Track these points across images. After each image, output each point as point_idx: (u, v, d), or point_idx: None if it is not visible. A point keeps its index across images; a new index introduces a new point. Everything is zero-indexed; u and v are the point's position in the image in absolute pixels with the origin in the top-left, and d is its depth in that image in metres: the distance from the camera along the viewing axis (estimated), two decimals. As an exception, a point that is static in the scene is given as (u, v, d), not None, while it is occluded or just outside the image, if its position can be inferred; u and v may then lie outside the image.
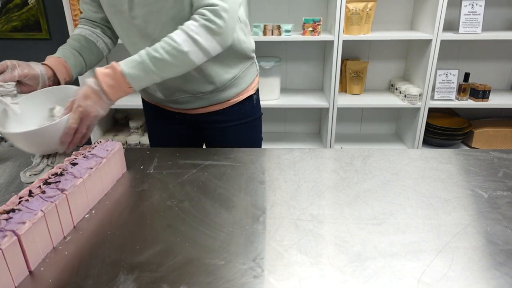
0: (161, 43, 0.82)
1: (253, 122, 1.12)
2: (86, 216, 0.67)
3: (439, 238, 0.59)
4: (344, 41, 1.97)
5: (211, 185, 0.77)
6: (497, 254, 0.56)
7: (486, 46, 2.20)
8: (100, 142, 0.80)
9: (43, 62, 0.90)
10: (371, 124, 2.46)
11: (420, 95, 2.03)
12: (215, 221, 0.64)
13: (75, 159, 0.72)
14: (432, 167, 0.84)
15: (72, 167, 0.69)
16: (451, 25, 2.12)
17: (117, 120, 2.48)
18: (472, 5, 1.91)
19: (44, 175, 0.68)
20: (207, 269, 0.53)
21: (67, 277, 0.52)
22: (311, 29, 1.96)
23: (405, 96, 2.05)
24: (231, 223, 0.64)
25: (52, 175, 0.66)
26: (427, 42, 1.94)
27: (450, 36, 1.92)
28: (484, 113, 2.35)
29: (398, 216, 0.65)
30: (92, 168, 0.69)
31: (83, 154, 0.74)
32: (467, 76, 2.05)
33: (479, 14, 1.91)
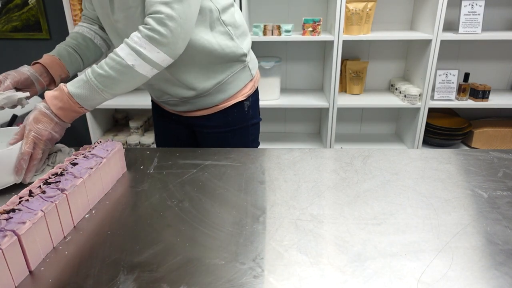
0: (106, 59, 0.79)
1: (241, 130, 1.07)
2: (86, 216, 0.67)
3: (439, 238, 0.59)
4: (344, 41, 1.97)
5: (211, 185, 0.77)
6: (497, 254, 0.56)
7: (486, 46, 2.20)
8: (100, 142, 0.80)
9: (36, 61, 0.91)
10: (371, 124, 2.46)
11: (420, 95, 2.03)
12: (215, 221, 0.64)
13: (75, 159, 0.72)
14: (432, 167, 0.84)
15: (72, 167, 0.69)
16: (451, 25, 2.12)
17: (117, 120, 2.48)
18: (472, 5, 1.91)
19: (44, 175, 0.68)
20: (207, 269, 0.53)
21: (67, 277, 0.52)
22: (311, 29, 1.96)
23: (405, 96, 2.05)
24: (231, 223, 0.64)
25: (52, 175, 0.66)
26: (427, 42, 1.94)
27: (450, 36, 1.92)
28: (484, 113, 2.35)
29: (398, 216, 0.65)
30: (92, 168, 0.69)
31: (83, 154, 0.74)
32: (467, 76, 2.06)
33: (479, 14, 1.91)
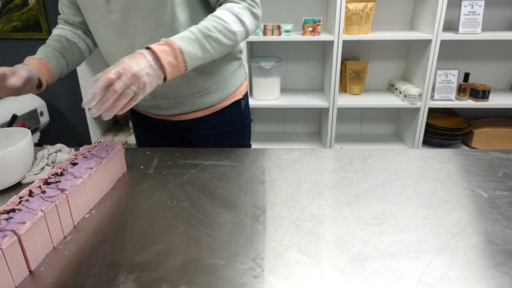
0: (210, 22, 0.78)
1: (240, 130, 1.06)
2: (86, 216, 0.67)
3: (439, 238, 0.59)
4: (344, 41, 1.97)
5: (211, 185, 0.77)
6: (497, 254, 0.56)
7: (486, 46, 2.20)
8: (100, 142, 0.80)
9: (23, 63, 0.83)
10: (371, 124, 2.46)
11: (420, 95, 2.03)
12: (215, 221, 0.64)
13: (75, 159, 0.72)
14: (432, 167, 0.84)
15: (72, 167, 0.69)
16: (451, 25, 2.12)
17: (117, 120, 2.48)
18: (472, 5, 1.91)
19: (44, 175, 0.68)
20: (207, 269, 0.53)
21: (67, 277, 0.52)
22: (311, 29, 1.96)
23: (405, 96, 2.05)
24: (231, 223, 0.64)
25: (52, 175, 0.66)
26: (427, 42, 1.94)
27: (450, 36, 1.92)
28: (484, 113, 2.35)
29: (398, 216, 0.65)
30: (92, 168, 0.69)
31: (83, 154, 0.74)
32: (467, 76, 2.06)
33: (479, 14, 1.91)
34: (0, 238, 0.49)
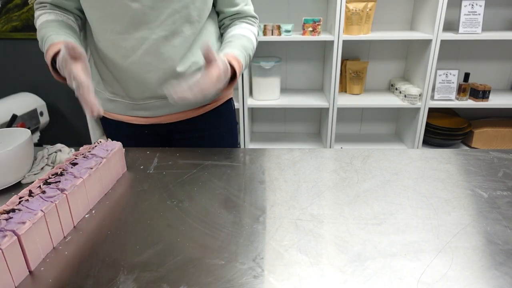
0: (247, 43, 0.89)
1: (233, 129, 1.07)
2: (86, 216, 0.67)
3: (439, 238, 0.59)
4: (344, 41, 1.97)
5: (211, 185, 0.77)
6: (497, 254, 0.56)
7: (486, 46, 2.20)
8: (100, 142, 0.80)
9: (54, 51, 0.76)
10: (371, 124, 2.46)
11: (420, 95, 2.03)
12: (215, 221, 0.64)
13: (75, 159, 0.72)
14: (432, 167, 0.84)
15: (72, 167, 0.69)
16: (451, 25, 2.12)
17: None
18: (472, 5, 1.91)
19: (44, 175, 0.68)
20: (207, 269, 0.53)
21: (67, 277, 0.52)
22: (311, 29, 1.96)
23: (405, 96, 2.05)
24: (231, 223, 0.64)
25: (52, 175, 0.66)
26: (427, 42, 1.94)
27: (450, 36, 1.92)
28: (484, 113, 2.35)
29: (398, 216, 0.65)
30: (92, 168, 0.69)
31: (83, 154, 0.74)
32: (467, 76, 2.06)
33: (479, 14, 1.91)
34: (0, 238, 0.49)
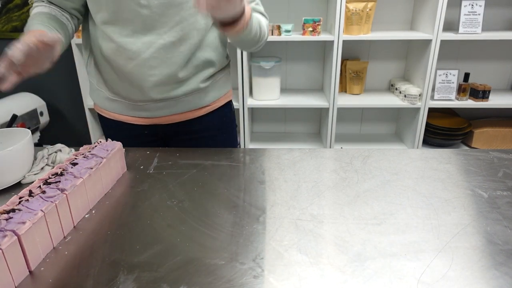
0: (258, 17, 0.90)
1: (232, 131, 1.07)
2: (86, 216, 0.67)
3: (439, 238, 0.59)
4: (344, 41, 1.97)
5: (211, 185, 0.77)
6: (497, 254, 0.56)
7: (486, 46, 2.20)
8: (100, 142, 0.80)
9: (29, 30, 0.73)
10: (371, 124, 2.46)
11: (420, 95, 2.03)
12: (215, 221, 0.64)
13: (75, 159, 0.72)
14: (432, 167, 0.84)
15: (72, 167, 0.69)
16: (451, 25, 2.12)
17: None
18: (472, 5, 1.91)
19: (44, 175, 0.68)
20: (207, 269, 0.53)
21: (67, 277, 0.52)
22: (311, 29, 1.96)
23: (405, 96, 2.05)
24: (231, 223, 0.64)
25: (52, 175, 0.66)
26: (427, 42, 1.94)
27: (450, 36, 1.92)
28: (484, 113, 2.35)
29: (398, 216, 0.65)
30: (92, 168, 0.69)
31: (83, 154, 0.74)
32: (467, 76, 2.06)
33: (479, 14, 1.91)
34: (0, 238, 0.49)
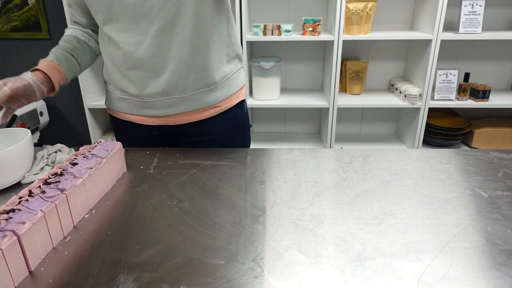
0: None
1: (244, 132, 1.06)
2: (86, 216, 0.67)
3: (439, 238, 0.59)
4: (344, 41, 1.97)
5: (211, 185, 0.77)
6: (497, 254, 0.56)
7: (486, 46, 2.20)
8: (100, 142, 0.80)
9: (35, 67, 0.85)
10: (371, 124, 2.46)
11: (420, 95, 2.03)
12: (215, 221, 0.64)
13: (75, 159, 0.72)
14: (432, 167, 0.84)
15: (72, 167, 0.69)
16: (451, 25, 2.12)
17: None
18: (472, 5, 1.91)
19: (44, 175, 0.68)
20: (207, 269, 0.53)
21: (67, 277, 0.52)
22: (311, 29, 1.96)
23: (405, 96, 2.05)
24: (231, 223, 0.64)
25: (52, 175, 0.66)
26: (427, 42, 1.94)
27: (450, 36, 1.92)
28: (484, 113, 2.35)
29: (398, 216, 0.65)
30: (92, 168, 0.69)
31: (83, 154, 0.74)
32: (467, 76, 2.06)
33: (479, 14, 1.91)
34: (0, 238, 0.49)
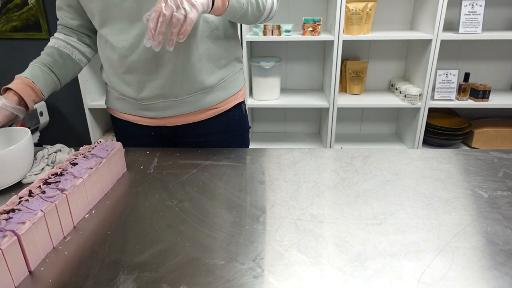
0: None
1: (242, 135, 1.05)
2: (86, 216, 0.67)
3: (439, 238, 0.59)
4: (344, 41, 1.97)
5: (211, 185, 0.77)
6: (497, 254, 0.56)
7: (486, 46, 2.20)
8: (100, 142, 0.80)
9: (7, 86, 0.85)
10: (371, 124, 2.46)
11: (420, 95, 2.03)
12: (215, 221, 0.64)
13: (75, 159, 0.72)
14: (432, 167, 0.84)
15: (72, 167, 0.69)
16: (451, 25, 2.12)
17: (117, 120, 2.48)
18: (472, 5, 1.91)
19: (44, 175, 0.68)
20: (207, 269, 0.53)
21: (67, 277, 0.52)
22: (311, 29, 1.96)
23: (405, 96, 2.05)
24: (231, 223, 0.64)
25: (52, 175, 0.66)
26: (427, 42, 1.94)
27: (450, 36, 1.92)
28: (484, 113, 2.35)
29: (398, 216, 0.65)
30: (92, 168, 0.69)
31: (83, 154, 0.74)
32: (467, 76, 2.06)
33: (479, 14, 1.91)
34: (0, 238, 0.49)
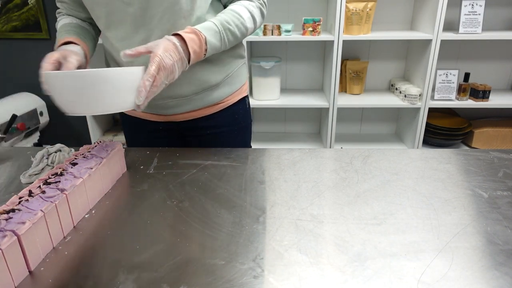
0: (229, 15, 0.84)
1: (246, 128, 1.07)
2: (86, 216, 0.67)
3: (439, 238, 0.59)
4: (344, 41, 1.97)
5: (211, 185, 0.77)
6: (497, 254, 0.56)
7: (486, 46, 2.20)
8: (100, 142, 0.80)
9: (62, 41, 0.82)
10: (371, 124, 2.46)
11: (420, 95, 2.03)
12: (215, 221, 0.64)
13: (75, 159, 0.72)
14: (432, 167, 0.84)
15: (72, 167, 0.69)
16: (451, 25, 2.12)
17: (117, 120, 2.48)
18: (472, 5, 1.91)
19: (44, 175, 0.68)
20: (207, 269, 0.53)
21: (67, 277, 0.52)
22: (311, 29, 1.96)
23: (405, 96, 2.05)
24: (231, 223, 0.64)
25: (52, 175, 0.66)
26: (427, 42, 1.94)
27: (450, 36, 1.92)
28: (484, 113, 2.35)
29: (398, 216, 0.65)
30: (92, 168, 0.69)
31: (83, 154, 0.74)
32: (467, 76, 2.06)
33: (479, 14, 1.91)
34: (0, 238, 0.49)
